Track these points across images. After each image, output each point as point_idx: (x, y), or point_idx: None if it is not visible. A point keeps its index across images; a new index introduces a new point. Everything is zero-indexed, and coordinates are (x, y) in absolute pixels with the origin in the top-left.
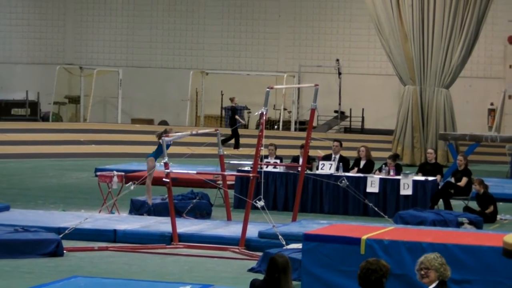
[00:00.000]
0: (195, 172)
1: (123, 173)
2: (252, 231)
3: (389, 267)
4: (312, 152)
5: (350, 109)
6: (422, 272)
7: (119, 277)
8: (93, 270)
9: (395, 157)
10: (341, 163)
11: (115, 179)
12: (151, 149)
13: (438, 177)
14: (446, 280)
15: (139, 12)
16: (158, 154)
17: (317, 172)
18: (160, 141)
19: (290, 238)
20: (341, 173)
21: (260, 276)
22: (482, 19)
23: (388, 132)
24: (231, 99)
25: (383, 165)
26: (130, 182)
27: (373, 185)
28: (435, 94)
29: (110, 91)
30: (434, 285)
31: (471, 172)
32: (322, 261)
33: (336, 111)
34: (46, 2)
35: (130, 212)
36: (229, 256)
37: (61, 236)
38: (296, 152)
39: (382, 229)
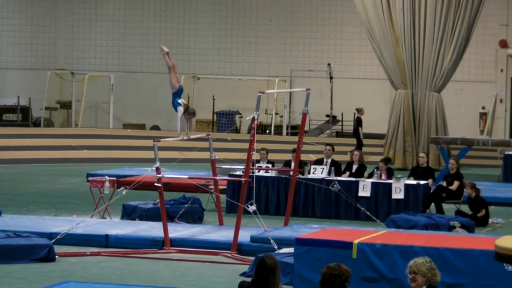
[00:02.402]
0: (187, 177)
1: (114, 178)
2: (244, 235)
3: (350, 272)
4: (304, 157)
5: (342, 113)
6: (410, 276)
7: (111, 282)
8: (85, 275)
9: (387, 160)
10: (333, 167)
11: (107, 184)
12: (143, 154)
13: (430, 181)
14: (435, 285)
15: (130, 17)
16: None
17: (309, 176)
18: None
19: (282, 242)
20: (333, 177)
21: None
22: (473, 23)
23: (380, 136)
24: (359, 110)
25: (375, 169)
26: (122, 187)
27: (365, 189)
28: (427, 98)
29: (101, 96)
30: None
31: (462, 176)
32: (314, 265)
33: (327, 115)
34: (37, 8)
35: (122, 217)
36: (221, 261)
37: (53, 241)
38: (288, 156)
39: (374, 233)
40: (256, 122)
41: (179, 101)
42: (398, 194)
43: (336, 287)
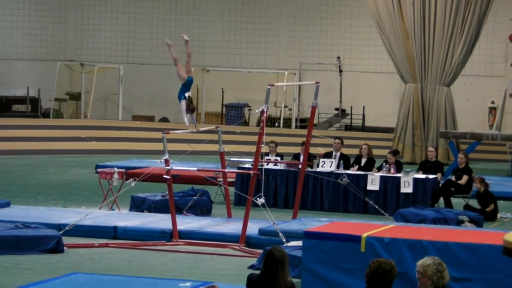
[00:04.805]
0: (195, 169)
1: (123, 170)
2: (253, 228)
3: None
4: (312, 150)
5: (351, 107)
6: (417, 276)
7: (119, 273)
8: (93, 267)
9: (395, 152)
10: (341, 161)
11: (116, 175)
12: (152, 145)
13: (439, 175)
14: (441, 287)
15: (140, 9)
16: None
17: (318, 169)
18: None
19: (291, 235)
20: (341, 170)
21: None
22: (483, 18)
23: (389, 130)
24: None
25: (384, 163)
26: (131, 179)
27: (373, 183)
28: (436, 92)
29: (111, 88)
30: None
31: (471, 170)
32: (322, 258)
33: (337, 109)
34: None
35: (131, 209)
36: (229, 253)
37: (61, 232)
38: (297, 149)
39: (383, 227)
40: (265, 115)
41: (186, 94)
42: (406, 188)
43: (387, 284)
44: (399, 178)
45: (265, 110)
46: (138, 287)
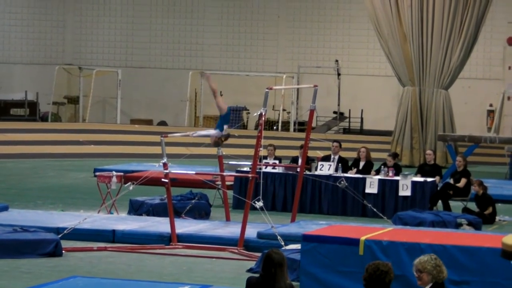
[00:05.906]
0: (194, 172)
1: (122, 174)
2: (251, 231)
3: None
4: (311, 153)
5: (349, 110)
6: (416, 275)
7: (117, 277)
8: (92, 270)
9: (394, 155)
10: (340, 164)
11: (114, 179)
12: (150, 149)
13: (437, 178)
14: (441, 281)
15: (138, 12)
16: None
17: (316, 172)
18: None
19: (289, 238)
20: (340, 173)
21: None
22: (482, 20)
23: (387, 133)
24: None
25: (382, 166)
26: (129, 183)
27: (372, 186)
28: (434, 95)
29: (109, 92)
30: (428, 287)
31: (470, 173)
32: (321, 261)
33: (335, 112)
34: (46, 2)
35: (129, 213)
36: (228, 257)
37: (60, 236)
38: (295, 152)
39: (381, 230)
40: (263, 118)
41: (225, 126)
42: (405, 191)
43: (386, 285)
44: (397, 181)
45: (263, 114)
46: None
